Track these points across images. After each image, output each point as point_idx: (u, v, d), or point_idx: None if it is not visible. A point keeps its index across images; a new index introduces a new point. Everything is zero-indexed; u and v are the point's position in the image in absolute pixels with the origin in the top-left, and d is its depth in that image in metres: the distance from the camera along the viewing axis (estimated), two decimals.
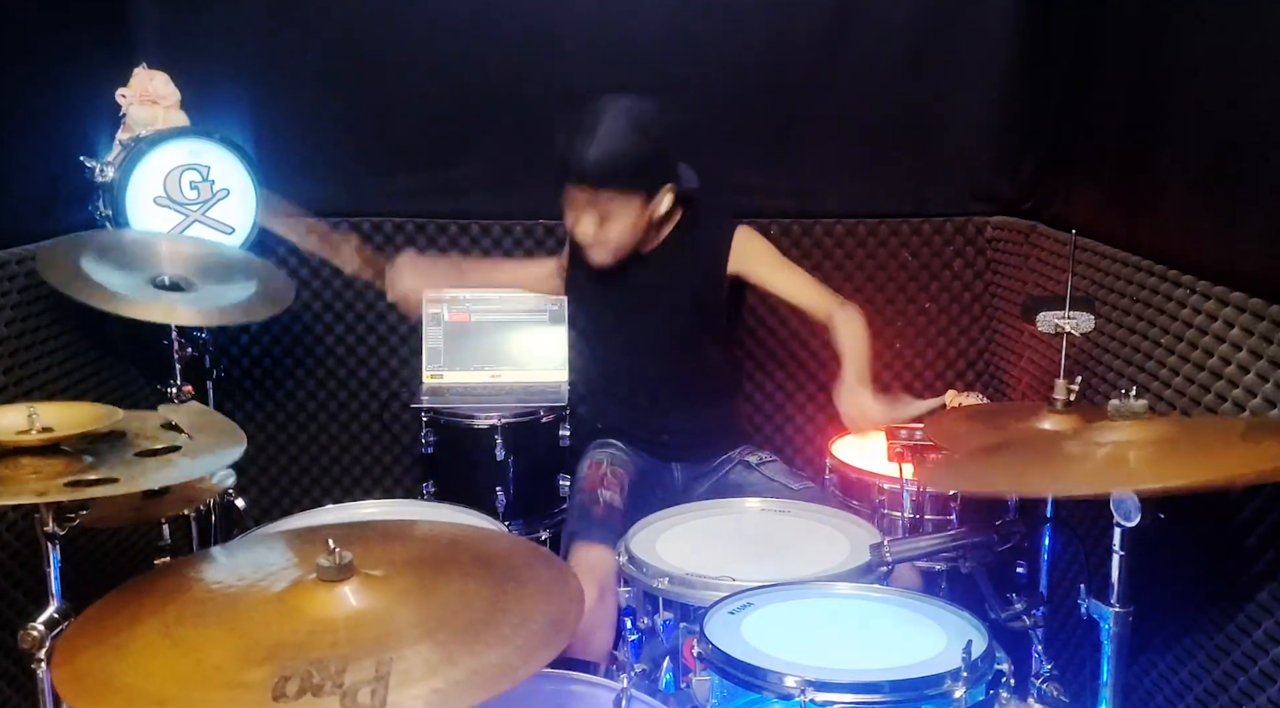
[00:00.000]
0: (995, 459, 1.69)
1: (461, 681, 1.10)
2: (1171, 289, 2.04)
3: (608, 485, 2.28)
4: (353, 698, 1.06)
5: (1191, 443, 1.50)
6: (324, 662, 1.11)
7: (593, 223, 2.27)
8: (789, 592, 1.71)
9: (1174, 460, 1.45)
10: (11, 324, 2.22)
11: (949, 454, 2.00)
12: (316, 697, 1.06)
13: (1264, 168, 1.79)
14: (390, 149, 2.92)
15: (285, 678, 1.08)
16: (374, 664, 1.10)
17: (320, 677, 1.08)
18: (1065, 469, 1.52)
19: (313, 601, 1.23)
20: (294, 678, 1.08)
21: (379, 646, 1.14)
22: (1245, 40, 1.86)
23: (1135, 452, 1.47)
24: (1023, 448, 1.74)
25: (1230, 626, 1.77)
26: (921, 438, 2.10)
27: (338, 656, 1.12)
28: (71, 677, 1.15)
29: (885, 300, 2.97)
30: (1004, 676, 1.51)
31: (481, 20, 2.81)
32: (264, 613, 1.22)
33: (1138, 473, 1.44)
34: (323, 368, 3.01)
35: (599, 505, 2.22)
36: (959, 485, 2.02)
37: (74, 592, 1.37)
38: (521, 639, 1.19)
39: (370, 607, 1.22)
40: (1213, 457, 1.45)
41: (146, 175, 2.58)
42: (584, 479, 2.34)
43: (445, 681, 1.10)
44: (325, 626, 1.19)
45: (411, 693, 1.08)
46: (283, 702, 1.06)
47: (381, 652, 1.13)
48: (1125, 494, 1.42)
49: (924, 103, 2.87)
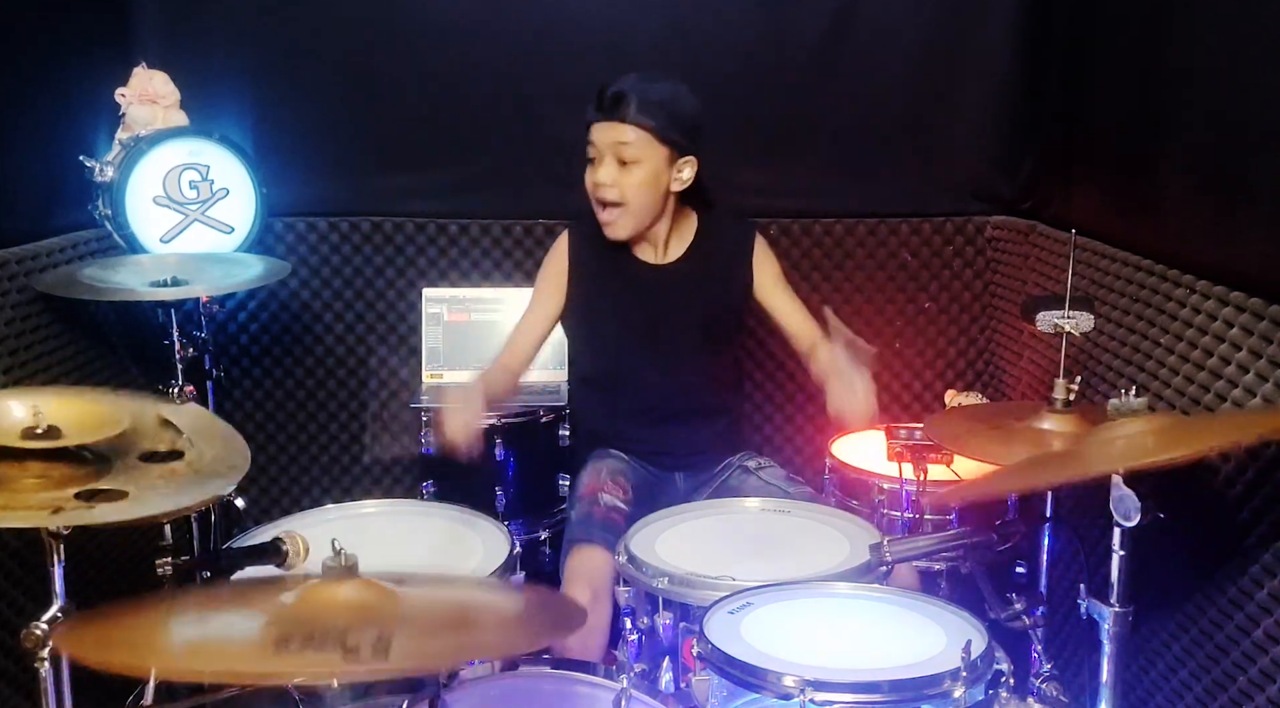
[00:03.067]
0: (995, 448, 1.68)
1: (462, 643, 1.16)
2: (1171, 289, 2.04)
3: (609, 491, 2.23)
4: (354, 652, 1.08)
5: (1190, 425, 1.50)
6: (327, 627, 1.13)
7: (615, 167, 2.23)
8: (789, 592, 1.71)
9: (1172, 438, 1.45)
10: (11, 324, 2.22)
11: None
12: (319, 652, 1.09)
13: (1264, 167, 1.79)
14: (390, 148, 2.92)
15: (288, 636, 1.11)
16: (376, 632, 1.13)
17: (322, 637, 1.11)
18: (1063, 463, 1.52)
19: (319, 593, 1.24)
20: (296, 636, 1.11)
21: (382, 621, 1.17)
22: (1245, 40, 1.86)
23: (1132, 439, 1.47)
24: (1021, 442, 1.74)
25: (1230, 626, 1.77)
26: (921, 438, 2.10)
27: (341, 626, 1.15)
28: (73, 639, 1.20)
29: (885, 300, 2.97)
30: (1004, 675, 1.51)
31: (482, 20, 2.81)
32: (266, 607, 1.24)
33: (1131, 451, 1.44)
34: (323, 368, 3.01)
35: (599, 508, 2.18)
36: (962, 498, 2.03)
37: (74, 592, 1.37)
38: (520, 624, 1.23)
39: (375, 598, 1.24)
40: (1205, 433, 1.45)
41: (146, 175, 2.58)
42: (584, 486, 2.29)
43: (444, 642, 1.15)
44: (331, 606, 1.21)
45: (413, 648, 1.11)
46: (283, 653, 1.09)
47: (385, 625, 1.15)
48: (1125, 492, 1.42)
49: (924, 103, 2.87)
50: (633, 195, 2.25)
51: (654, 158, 2.24)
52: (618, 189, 2.24)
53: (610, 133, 2.23)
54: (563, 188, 2.75)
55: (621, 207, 2.26)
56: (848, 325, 2.58)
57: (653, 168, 2.24)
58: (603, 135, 2.24)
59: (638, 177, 2.24)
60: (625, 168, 2.23)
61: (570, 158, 2.78)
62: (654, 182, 2.26)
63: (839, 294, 2.96)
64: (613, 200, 2.26)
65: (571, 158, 2.64)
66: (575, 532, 2.16)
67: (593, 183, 2.27)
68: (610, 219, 2.29)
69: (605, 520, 2.13)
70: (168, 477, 1.44)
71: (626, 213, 2.27)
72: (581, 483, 2.32)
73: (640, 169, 2.24)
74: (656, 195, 2.28)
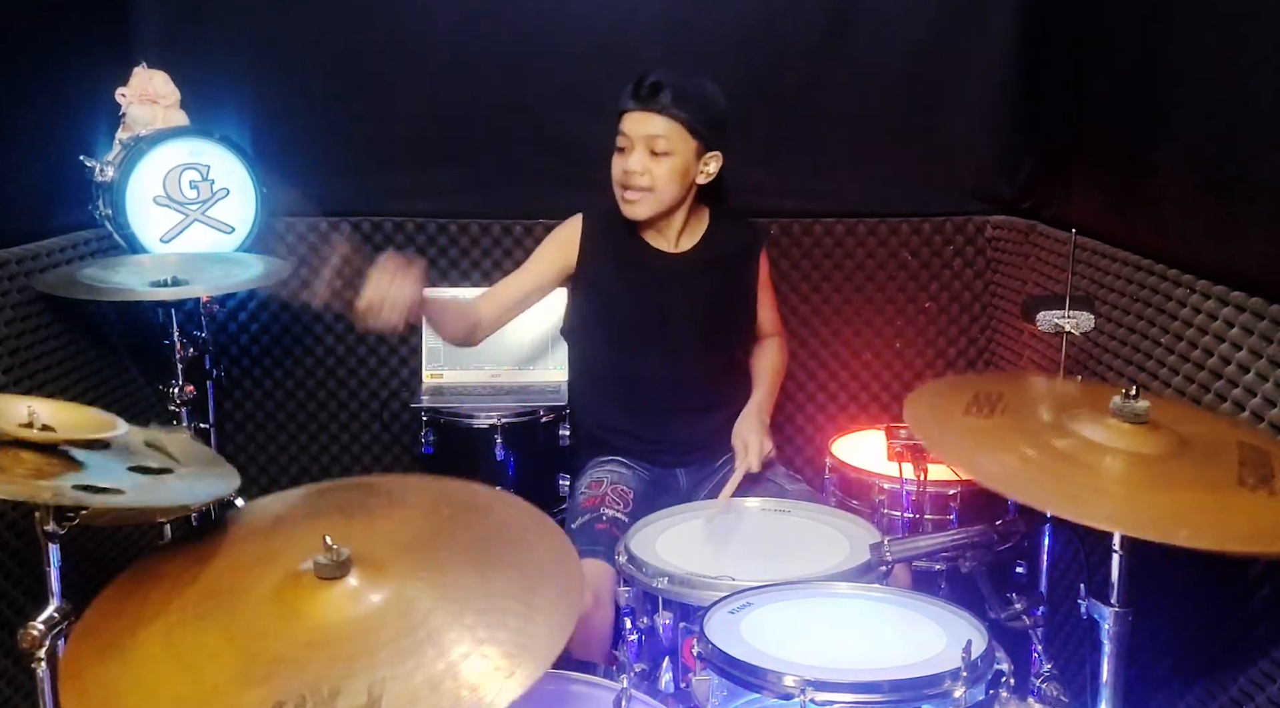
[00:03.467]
0: (985, 435, 1.64)
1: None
2: (1171, 288, 2.04)
3: (609, 504, 2.23)
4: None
5: (1184, 477, 1.43)
6: (318, 683, 1.12)
7: (645, 156, 2.26)
8: (789, 592, 1.71)
9: (1161, 500, 1.40)
10: (11, 324, 2.22)
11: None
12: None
13: (1264, 167, 1.79)
14: (390, 149, 2.92)
15: (280, 703, 1.10)
16: (367, 688, 1.11)
17: (314, 702, 1.10)
18: (1048, 479, 1.47)
19: (311, 601, 1.23)
20: (288, 703, 1.10)
21: (375, 658, 1.15)
22: (1244, 39, 1.86)
23: (1123, 473, 1.43)
24: (1014, 430, 1.70)
25: (1230, 626, 1.77)
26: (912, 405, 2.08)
27: (333, 674, 1.13)
28: (78, 693, 1.18)
29: (885, 300, 2.97)
30: (1004, 675, 1.51)
31: (482, 20, 2.81)
32: (263, 617, 1.23)
33: (1117, 513, 1.38)
34: (323, 368, 3.01)
35: (601, 522, 2.17)
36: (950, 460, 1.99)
37: (74, 591, 1.37)
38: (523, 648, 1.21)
39: (369, 607, 1.23)
40: (1201, 513, 1.38)
41: (146, 175, 2.58)
42: (583, 498, 2.28)
43: None
44: (323, 632, 1.20)
45: None
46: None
47: (376, 669, 1.14)
48: None
49: (924, 103, 2.87)
50: (662, 185, 2.28)
51: (685, 150, 2.27)
52: (648, 177, 2.27)
53: (644, 123, 2.25)
54: (563, 188, 2.76)
55: (650, 192, 2.29)
56: (847, 325, 2.58)
57: (683, 160, 2.27)
58: (636, 125, 2.26)
59: (667, 167, 2.27)
60: (655, 158, 2.26)
61: (571, 157, 2.78)
62: (683, 173, 2.29)
63: (839, 294, 2.96)
64: (643, 186, 2.28)
65: (572, 157, 2.65)
66: (576, 543, 2.14)
67: (622, 171, 2.29)
68: (634, 199, 2.31)
69: (607, 535, 2.12)
70: (156, 483, 1.44)
71: (652, 198, 2.30)
72: (582, 493, 2.31)
73: (671, 160, 2.26)
74: (683, 187, 2.31)
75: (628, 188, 2.30)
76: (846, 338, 2.98)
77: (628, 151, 2.28)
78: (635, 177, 2.27)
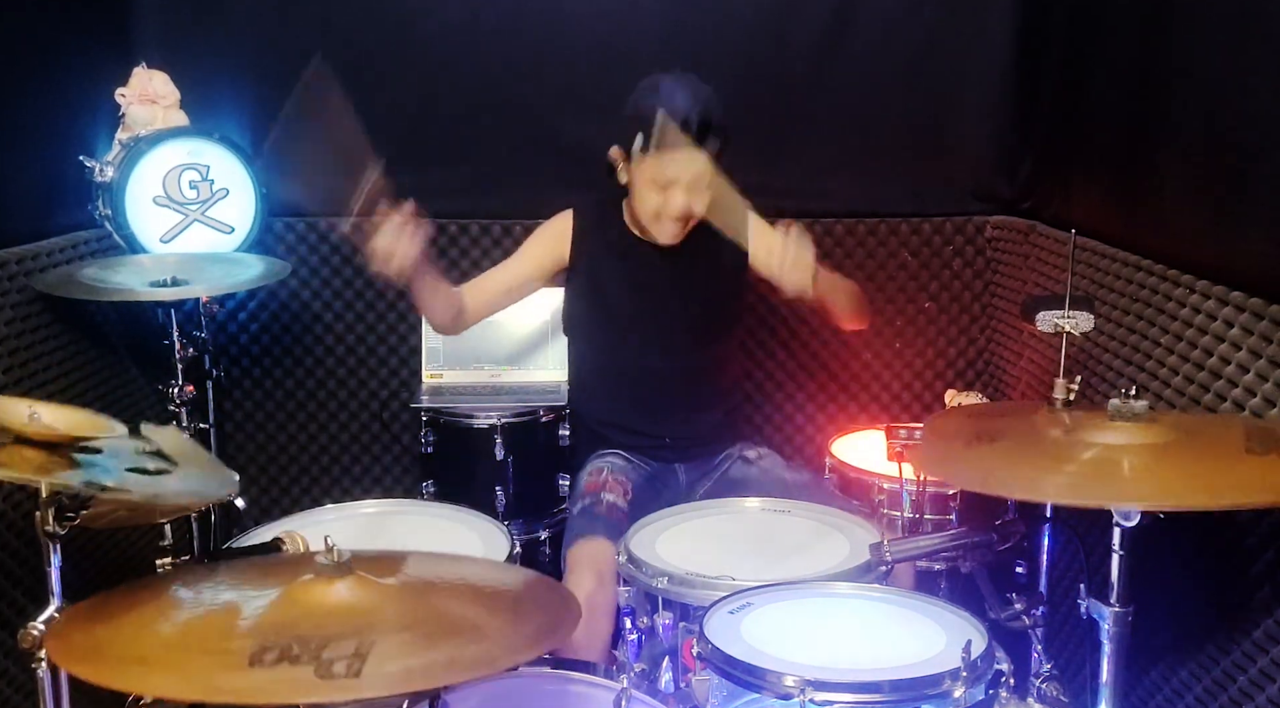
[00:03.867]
0: (992, 453, 1.67)
1: (439, 662, 1.13)
2: (1171, 289, 2.04)
3: (610, 489, 2.25)
4: (327, 669, 1.08)
5: (1193, 454, 1.48)
6: (306, 638, 1.13)
7: (686, 190, 2.19)
8: (789, 592, 1.71)
9: (1174, 474, 1.44)
10: (11, 324, 2.22)
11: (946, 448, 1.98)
12: (293, 666, 1.09)
13: (1264, 167, 1.79)
14: (391, 148, 2.90)
15: (265, 648, 1.11)
16: (354, 644, 1.12)
17: (299, 649, 1.11)
18: (1062, 475, 1.50)
19: (308, 593, 1.25)
20: (274, 649, 1.11)
21: (364, 629, 1.17)
22: (1244, 39, 1.86)
23: (1133, 459, 1.46)
24: (1021, 445, 1.73)
25: (1230, 625, 1.77)
26: (921, 437, 2.09)
27: (320, 635, 1.14)
28: (62, 646, 1.21)
29: (885, 300, 2.97)
30: (1004, 675, 1.51)
31: (481, 20, 2.81)
32: (260, 600, 1.25)
33: (1133, 489, 1.44)
34: (323, 368, 3.01)
35: (601, 506, 2.19)
36: (951, 476, 2.01)
37: (74, 592, 1.37)
38: (506, 637, 1.22)
39: (362, 601, 1.24)
40: (1215, 475, 1.43)
41: (146, 175, 2.58)
42: (585, 485, 2.30)
43: (422, 661, 1.13)
44: (316, 610, 1.21)
45: (387, 669, 1.10)
46: (258, 667, 1.08)
47: (365, 634, 1.15)
48: None
49: (924, 102, 2.87)
50: (701, 202, 2.22)
51: (712, 167, 2.19)
52: (699, 206, 2.22)
53: (694, 162, 2.17)
54: (563, 188, 2.75)
55: (685, 219, 2.25)
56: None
57: (710, 177, 2.20)
58: (687, 165, 2.18)
59: (707, 194, 2.20)
60: (692, 190, 2.20)
61: (571, 157, 2.78)
62: (710, 189, 2.22)
63: None
64: (693, 215, 2.24)
65: (572, 157, 2.64)
66: (577, 526, 2.18)
67: (683, 211, 2.22)
68: (679, 231, 2.28)
69: (607, 516, 2.15)
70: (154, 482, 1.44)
71: (684, 222, 2.27)
72: (582, 482, 2.34)
73: (709, 187, 2.19)
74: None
75: (677, 220, 2.26)
76: (846, 338, 2.98)
77: (674, 190, 2.21)
78: (681, 210, 2.22)
